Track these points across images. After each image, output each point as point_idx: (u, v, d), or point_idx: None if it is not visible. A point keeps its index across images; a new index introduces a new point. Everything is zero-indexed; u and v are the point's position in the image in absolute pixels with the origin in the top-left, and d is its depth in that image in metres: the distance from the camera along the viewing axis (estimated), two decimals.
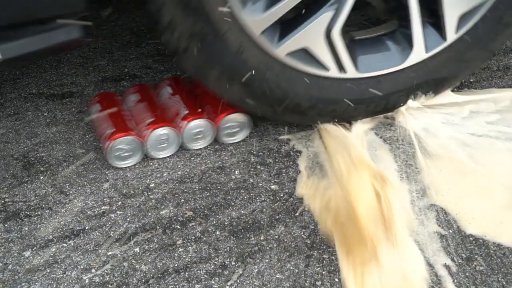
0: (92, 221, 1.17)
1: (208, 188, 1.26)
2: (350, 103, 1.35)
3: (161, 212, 1.20)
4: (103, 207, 1.21)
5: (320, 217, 1.18)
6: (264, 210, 1.20)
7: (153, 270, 1.07)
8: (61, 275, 1.05)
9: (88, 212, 1.20)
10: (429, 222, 1.17)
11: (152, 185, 1.27)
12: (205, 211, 1.20)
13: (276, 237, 1.14)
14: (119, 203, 1.22)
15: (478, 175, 1.28)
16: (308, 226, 1.16)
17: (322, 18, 1.22)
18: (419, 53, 1.33)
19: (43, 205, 1.21)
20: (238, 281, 1.04)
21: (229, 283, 1.04)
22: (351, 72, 1.31)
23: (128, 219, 1.18)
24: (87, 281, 1.04)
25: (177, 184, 1.27)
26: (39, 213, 1.20)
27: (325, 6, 1.22)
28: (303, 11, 1.25)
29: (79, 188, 1.26)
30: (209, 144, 1.37)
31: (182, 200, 1.23)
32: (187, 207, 1.21)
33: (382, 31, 1.40)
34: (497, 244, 1.12)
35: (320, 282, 1.04)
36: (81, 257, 1.09)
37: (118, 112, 1.37)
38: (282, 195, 1.24)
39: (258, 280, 1.04)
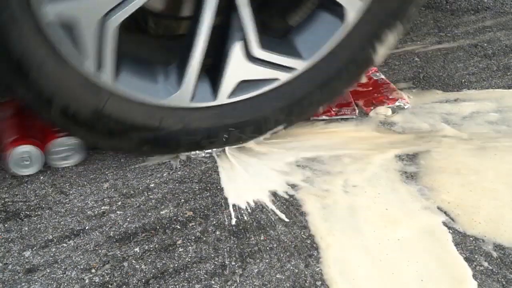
0: (92, 221, 1.17)
1: (208, 188, 1.26)
2: (324, 88, 1.29)
3: (161, 212, 1.20)
4: (103, 207, 1.21)
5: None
6: (264, 210, 1.20)
7: (153, 270, 1.06)
8: (61, 275, 1.05)
9: (88, 212, 1.20)
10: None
11: (152, 185, 1.27)
12: (205, 211, 1.20)
13: (276, 237, 1.13)
14: (119, 203, 1.22)
15: (479, 175, 1.28)
16: (308, 226, 1.16)
17: (235, 50, 1.17)
18: (352, 4, 1.17)
19: (43, 205, 1.21)
20: (238, 281, 1.04)
21: (229, 283, 1.04)
22: (300, 65, 1.22)
23: (128, 219, 1.18)
24: (87, 281, 1.04)
25: (177, 184, 1.27)
26: (39, 213, 1.20)
27: (229, 40, 1.17)
28: (216, 58, 1.21)
29: (79, 188, 1.26)
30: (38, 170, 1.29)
31: (182, 200, 1.23)
32: (187, 207, 1.21)
33: (314, 3, 1.26)
34: (497, 244, 1.12)
35: (320, 282, 1.04)
36: (81, 257, 1.09)
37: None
38: (281, 195, 1.24)
39: (258, 280, 1.04)
